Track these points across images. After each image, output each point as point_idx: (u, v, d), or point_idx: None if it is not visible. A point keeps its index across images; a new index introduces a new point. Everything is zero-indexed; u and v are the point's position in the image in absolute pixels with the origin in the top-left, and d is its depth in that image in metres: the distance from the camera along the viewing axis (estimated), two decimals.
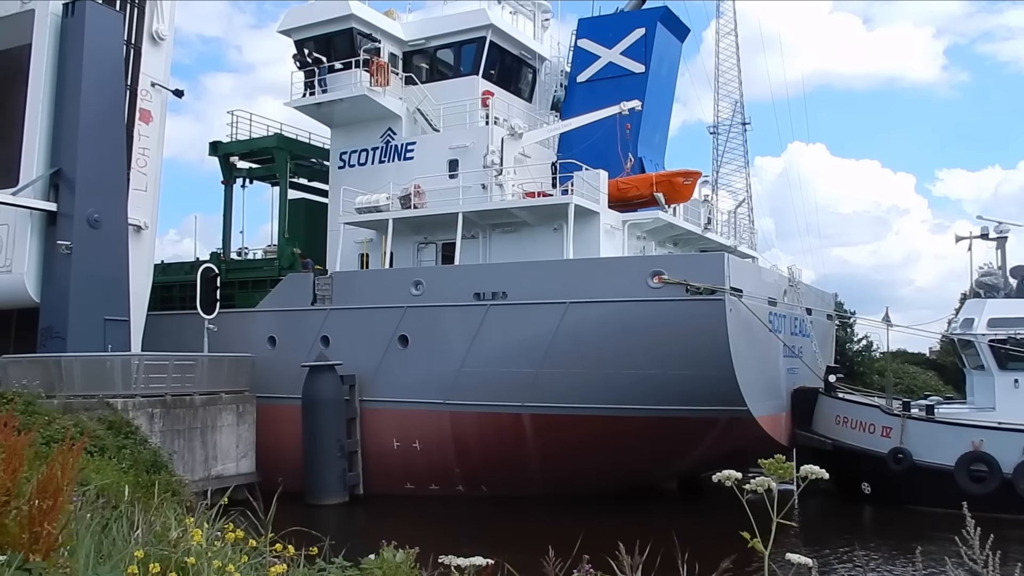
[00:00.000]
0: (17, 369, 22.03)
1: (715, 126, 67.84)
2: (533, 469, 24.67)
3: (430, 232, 28.13)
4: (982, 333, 23.50)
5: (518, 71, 32.07)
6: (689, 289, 22.10)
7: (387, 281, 26.72)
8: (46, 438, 11.13)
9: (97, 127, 24.63)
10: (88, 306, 23.89)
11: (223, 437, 24.23)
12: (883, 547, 20.86)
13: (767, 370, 24.94)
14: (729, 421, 23.45)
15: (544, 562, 4.77)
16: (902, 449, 23.20)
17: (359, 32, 29.51)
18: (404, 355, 25.49)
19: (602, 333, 23.00)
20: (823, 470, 3.81)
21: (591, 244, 25.48)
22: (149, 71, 26.88)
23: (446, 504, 24.25)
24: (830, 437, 25.38)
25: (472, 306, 24.61)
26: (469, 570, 4.61)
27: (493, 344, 24.26)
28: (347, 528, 21.89)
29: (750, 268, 26.54)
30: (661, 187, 26.61)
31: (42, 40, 24.77)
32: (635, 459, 24.04)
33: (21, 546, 3.85)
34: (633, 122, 28.98)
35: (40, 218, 24.56)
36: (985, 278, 25.10)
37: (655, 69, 30.36)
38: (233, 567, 4.35)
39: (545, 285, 23.70)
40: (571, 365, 23.30)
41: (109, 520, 5.26)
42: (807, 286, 30.58)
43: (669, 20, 31.04)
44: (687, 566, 4.77)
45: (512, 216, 26.24)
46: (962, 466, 21.99)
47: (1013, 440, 21.84)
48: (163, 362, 23.38)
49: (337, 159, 31.37)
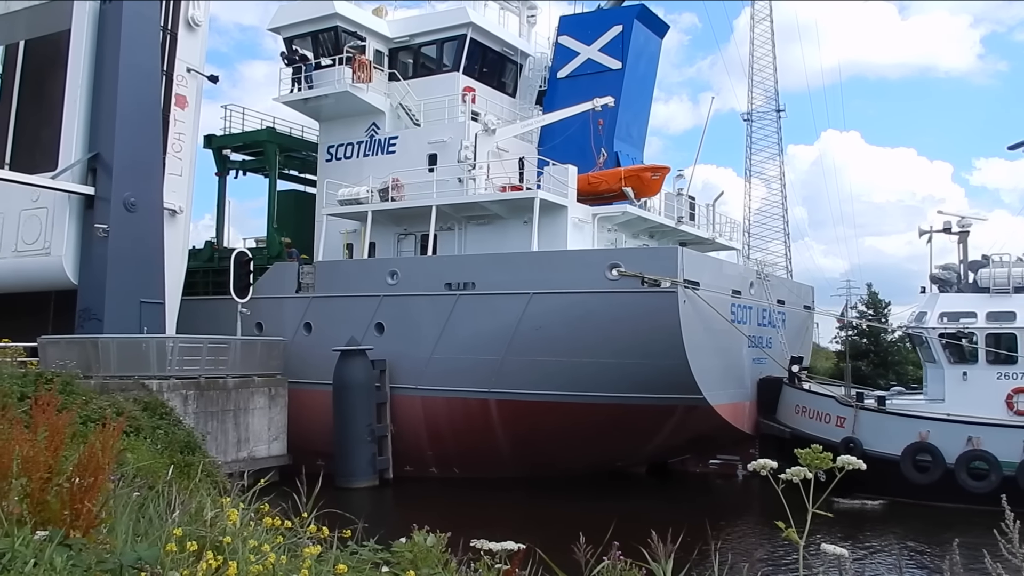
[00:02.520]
0: (55, 349, 22.13)
1: (749, 113, 68.09)
2: (503, 453, 25.67)
3: (410, 223, 29.14)
4: (932, 327, 24.17)
5: (501, 67, 32.95)
6: (645, 281, 22.98)
7: (365, 271, 27.82)
8: (83, 418, 11.04)
9: (134, 112, 24.92)
10: (124, 288, 24.20)
11: (255, 419, 24.46)
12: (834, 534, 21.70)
13: (728, 360, 25.74)
14: (687, 409, 24.33)
15: (575, 548, 4.80)
16: (853, 438, 23.92)
17: (344, 30, 30.54)
18: (380, 341, 26.55)
19: (563, 323, 23.94)
20: (860, 461, 3.79)
21: (559, 237, 26.39)
22: (185, 57, 27.15)
23: (476, 488, 24.30)
24: (789, 426, 26.18)
25: (443, 295, 25.65)
26: (501, 554, 4.59)
27: (462, 332, 25.29)
28: (377, 511, 22.30)
29: (709, 261, 27.33)
30: (630, 181, 27.45)
31: (81, 26, 25.17)
32: (599, 444, 24.98)
33: (62, 522, 3.93)
34: (608, 117, 29.75)
35: (78, 202, 24.94)
36: (939, 272, 25.71)
37: (632, 65, 31.10)
38: (268, 547, 4.33)
39: (510, 276, 24.69)
40: (534, 353, 24.28)
41: (146, 499, 5.36)
42: (780, 278, 31.35)
43: (646, 17, 31.74)
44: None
45: (484, 209, 27.20)
46: (908, 456, 22.72)
47: (956, 431, 22.54)
48: (197, 344, 23.77)
49: (325, 152, 32.47)
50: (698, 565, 5.63)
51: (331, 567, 4.38)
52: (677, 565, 4.63)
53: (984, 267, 24.83)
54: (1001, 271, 24.10)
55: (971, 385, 23.65)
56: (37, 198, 25.28)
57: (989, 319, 23.66)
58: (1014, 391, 23.12)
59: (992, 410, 23.02)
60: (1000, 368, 23.42)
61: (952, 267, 25.81)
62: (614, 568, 4.77)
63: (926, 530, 20.47)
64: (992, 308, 23.73)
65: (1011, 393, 23.13)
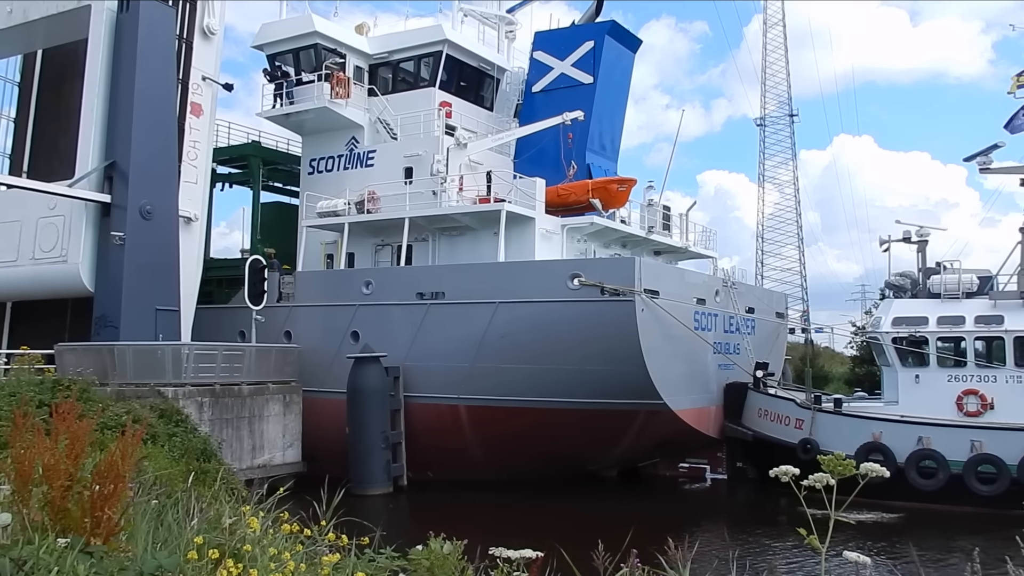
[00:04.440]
0: (72, 357, 22.18)
1: (762, 118, 68.72)
2: (474, 456, 26.50)
3: (387, 235, 30.07)
4: (886, 331, 24.94)
5: (478, 81, 33.89)
6: (604, 290, 23.83)
7: (341, 281, 28.78)
8: (100, 425, 11.05)
9: (150, 120, 25.07)
10: (140, 296, 24.30)
11: (270, 426, 24.34)
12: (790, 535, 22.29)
13: (692, 366, 26.52)
14: (649, 414, 25.14)
15: (593, 555, 4.85)
16: (811, 440, 24.71)
17: (323, 47, 31.54)
18: (356, 350, 27.43)
19: (528, 331, 24.81)
20: (883, 468, 3.85)
21: (527, 247, 27.29)
22: (200, 65, 27.41)
23: (492, 495, 24.38)
24: (753, 429, 26.97)
25: (415, 304, 26.57)
26: (519, 562, 4.59)
27: (433, 340, 26.18)
28: (392, 518, 22.50)
29: (670, 270, 28.18)
30: (597, 193, 28.33)
31: (98, 35, 25.36)
32: (567, 448, 25.83)
33: (83, 530, 3.94)
34: (580, 130, 30.63)
35: (95, 209, 25.12)
36: (894, 279, 26.48)
37: (604, 80, 31.96)
38: (288, 555, 4.35)
39: (478, 286, 25.58)
40: (501, 360, 25.15)
41: (165, 507, 5.44)
42: (749, 286, 32.11)
43: (617, 33, 32.63)
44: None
45: (455, 221, 28.13)
46: (861, 455, 23.39)
47: (907, 432, 23.30)
48: (212, 352, 23.80)
49: (307, 165, 33.49)
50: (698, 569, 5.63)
51: (350, 574, 4.46)
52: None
53: (937, 274, 25.60)
54: (952, 277, 24.88)
55: (923, 387, 24.40)
56: (54, 206, 25.54)
57: (940, 323, 24.42)
58: (964, 393, 23.84)
59: (943, 411, 23.77)
60: (950, 371, 24.16)
61: (909, 274, 26.57)
62: (631, 575, 4.80)
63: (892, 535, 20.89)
64: (943, 313, 24.49)
65: (961, 395, 23.86)
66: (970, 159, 26.15)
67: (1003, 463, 21.93)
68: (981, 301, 24.50)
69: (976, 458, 22.14)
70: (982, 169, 25.80)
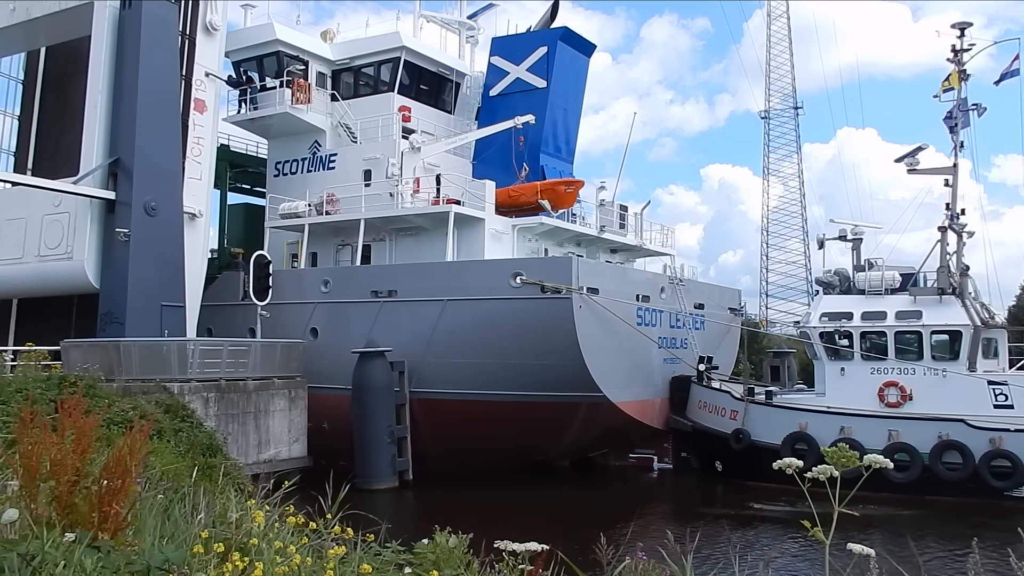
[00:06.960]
0: (78, 353, 22.14)
1: (766, 111, 69.37)
2: (427, 447, 27.70)
3: (347, 235, 31.25)
4: (814, 326, 26.17)
5: (438, 86, 35.03)
6: (544, 288, 25.05)
7: (301, 280, 29.99)
8: (106, 421, 10.98)
9: (154, 117, 25.10)
10: (145, 292, 24.43)
11: (275, 421, 24.28)
12: (728, 518, 23.42)
13: (634, 360, 27.74)
14: (591, 406, 26.38)
15: (596, 549, 4.95)
16: (743, 430, 25.98)
17: (285, 54, 32.70)
18: (315, 345, 28.62)
19: (474, 327, 26.06)
20: (888, 460, 3.83)
21: (477, 247, 28.50)
22: (203, 61, 27.49)
23: (496, 489, 24.79)
24: (693, 420, 28.22)
25: (369, 302, 27.79)
26: (524, 555, 4.55)
27: (386, 336, 27.36)
28: (398, 512, 22.70)
29: (610, 269, 29.41)
30: (546, 194, 29.51)
31: (101, 32, 25.46)
32: (514, 439, 27.03)
33: (90, 525, 3.94)
34: (533, 133, 31.78)
35: (100, 206, 25.19)
36: (823, 276, 27.71)
37: (557, 84, 33.10)
38: (294, 548, 4.35)
39: (427, 284, 26.83)
40: (449, 356, 26.39)
41: (172, 501, 5.45)
42: (699, 283, 33.34)
43: (570, 38, 33.75)
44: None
45: (408, 222, 29.36)
46: (787, 444, 24.67)
47: (830, 422, 24.57)
48: (217, 347, 23.89)
49: (273, 168, 34.65)
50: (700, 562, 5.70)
51: (355, 568, 4.43)
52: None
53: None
54: (875, 274, 26.09)
55: (848, 380, 25.64)
56: (59, 203, 25.71)
57: (864, 319, 25.64)
58: (885, 385, 25.08)
59: (866, 402, 25.02)
60: (873, 364, 25.39)
61: (842, 271, 27.76)
62: (635, 568, 4.85)
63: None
64: (866, 308, 25.71)
65: (882, 387, 25.09)
66: (899, 160, 27.27)
67: (916, 451, 23.18)
68: (902, 297, 25.71)
69: (892, 447, 23.37)
70: (910, 170, 26.93)
